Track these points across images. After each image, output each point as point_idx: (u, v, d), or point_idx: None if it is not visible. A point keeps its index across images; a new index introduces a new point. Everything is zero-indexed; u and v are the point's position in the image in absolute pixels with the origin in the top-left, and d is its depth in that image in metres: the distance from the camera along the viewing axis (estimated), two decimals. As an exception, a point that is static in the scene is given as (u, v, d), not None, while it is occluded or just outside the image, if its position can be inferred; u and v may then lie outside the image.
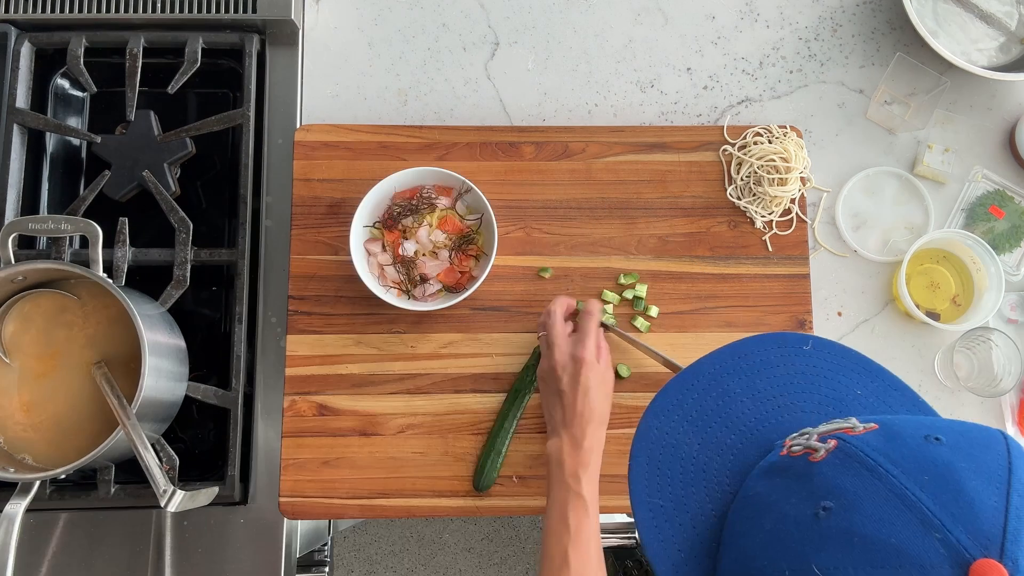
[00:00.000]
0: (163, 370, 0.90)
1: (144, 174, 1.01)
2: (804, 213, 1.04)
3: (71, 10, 1.05)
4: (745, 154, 1.03)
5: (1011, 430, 1.01)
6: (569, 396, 0.87)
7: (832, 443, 0.45)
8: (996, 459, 0.42)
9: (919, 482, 0.41)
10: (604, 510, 0.97)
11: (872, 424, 0.46)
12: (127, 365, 0.91)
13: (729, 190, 1.03)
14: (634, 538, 1.02)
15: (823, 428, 0.48)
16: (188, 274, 0.98)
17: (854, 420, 0.47)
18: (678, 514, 0.51)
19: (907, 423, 0.46)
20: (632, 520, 1.03)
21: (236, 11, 1.05)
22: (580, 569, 0.77)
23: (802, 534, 0.43)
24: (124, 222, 0.99)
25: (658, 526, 0.51)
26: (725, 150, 1.04)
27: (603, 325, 0.96)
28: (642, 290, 1.00)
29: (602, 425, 0.87)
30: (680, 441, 0.53)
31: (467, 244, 0.98)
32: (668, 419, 0.55)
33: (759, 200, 1.02)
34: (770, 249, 1.02)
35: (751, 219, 1.03)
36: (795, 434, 0.50)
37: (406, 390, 0.98)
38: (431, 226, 0.97)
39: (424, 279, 0.97)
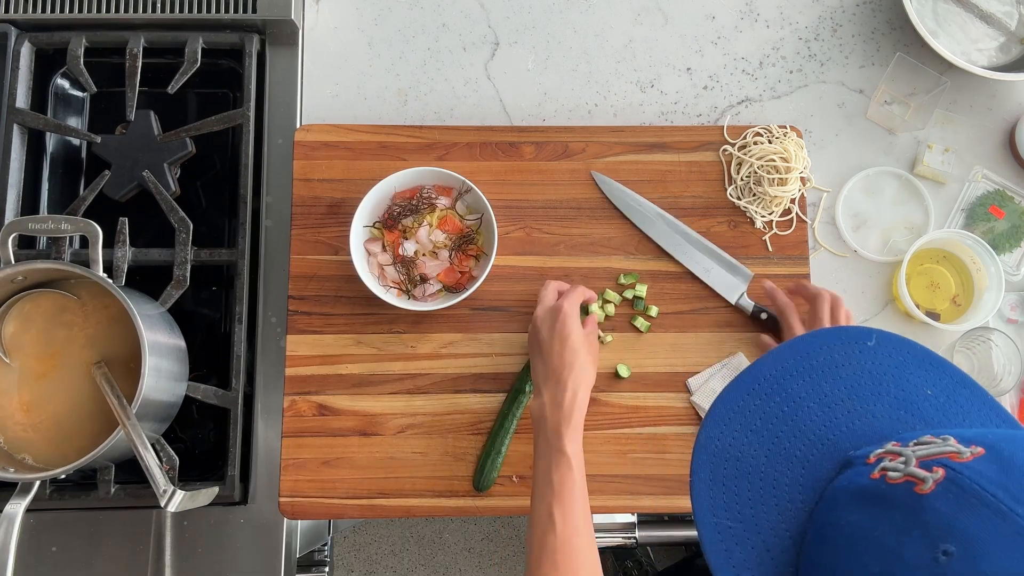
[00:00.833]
0: (163, 370, 0.90)
1: (144, 174, 1.01)
2: (804, 213, 1.04)
3: (71, 10, 1.05)
4: (745, 154, 1.03)
5: (1011, 430, 1.01)
6: (547, 345, 0.85)
7: (940, 472, 0.41)
8: None
9: None
10: (604, 510, 0.97)
11: (979, 449, 0.42)
12: (127, 365, 0.91)
13: (729, 190, 1.03)
14: (635, 538, 1.02)
15: (921, 451, 0.43)
16: (188, 274, 0.98)
17: (953, 441, 0.43)
18: (749, 536, 0.47)
19: (1014, 444, 0.42)
20: (633, 520, 1.03)
21: (236, 11, 1.05)
22: (565, 526, 0.75)
23: None
24: (124, 222, 0.99)
25: (728, 549, 0.47)
26: (725, 150, 1.04)
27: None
28: (642, 290, 1.00)
29: (583, 383, 0.84)
30: (745, 453, 0.49)
31: (467, 244, 0.98)
32: (730, 428, 0.50)
33: (759, 200, 1.02)
34: (770, 249, 1.02)
35: (751, 219, 1.03)
36: (880, 450, 0.45)
37: (406, 390, 0.98)
38: (431, 226, 0.97)
39: (424, 279, 0.97)
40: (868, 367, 0.52)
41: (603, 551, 1.03)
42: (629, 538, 1.02)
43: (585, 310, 0.98)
